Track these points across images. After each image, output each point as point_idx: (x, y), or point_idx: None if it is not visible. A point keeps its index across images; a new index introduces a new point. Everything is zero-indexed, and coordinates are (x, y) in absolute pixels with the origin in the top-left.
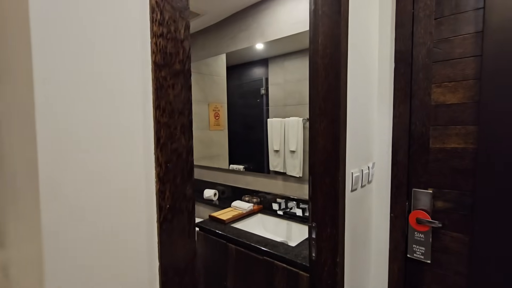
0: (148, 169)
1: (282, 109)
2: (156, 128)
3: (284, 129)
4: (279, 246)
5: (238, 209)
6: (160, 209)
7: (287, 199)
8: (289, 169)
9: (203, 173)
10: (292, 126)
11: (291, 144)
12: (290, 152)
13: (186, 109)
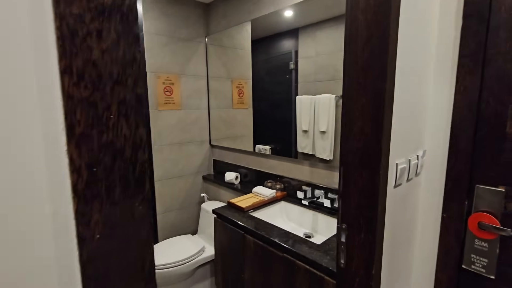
0: (56, 179)
1: (312, 85)
2: (67, 108)
3: (314, 107)
4: (302, 243)
5: (259, 195)
6: (82, 247)
7: (314, 187)
8: (319, 151)
9: (224, 155)
10: (323, 104)
11: (321, 124)
12: (320, 133)
13: (129, 75)
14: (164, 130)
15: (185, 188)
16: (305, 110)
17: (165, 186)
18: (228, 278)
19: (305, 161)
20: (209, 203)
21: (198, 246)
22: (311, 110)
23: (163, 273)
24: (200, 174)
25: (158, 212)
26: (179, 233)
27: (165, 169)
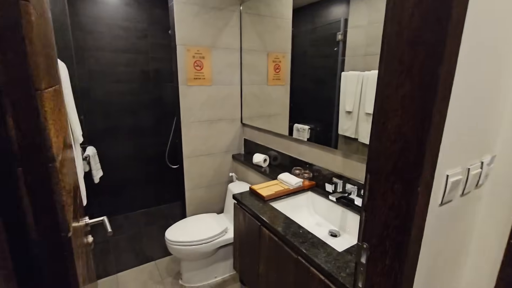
0: None
1: (361, 59)
2: None
3: (361, 85)
4: (321, 246)
5: (284, 183)
6: None
7: (346, 181)
8: (362, 135)
9: (255, 135)
10: (373, 81)
11: (368, 105)
12: (365, 115)
13: None
14: (193, 107)
15: (213, 167)
16: (351, 88)
17: (194, 163)
18: (244, 266)
19: (338, 150)
20: (236, 184)
21: (221, 226)
22: (358, 88)
23: (186, 249)
24: (229, 153)
25: (186, 188)
26: (206, 210)
27: (194, 147)
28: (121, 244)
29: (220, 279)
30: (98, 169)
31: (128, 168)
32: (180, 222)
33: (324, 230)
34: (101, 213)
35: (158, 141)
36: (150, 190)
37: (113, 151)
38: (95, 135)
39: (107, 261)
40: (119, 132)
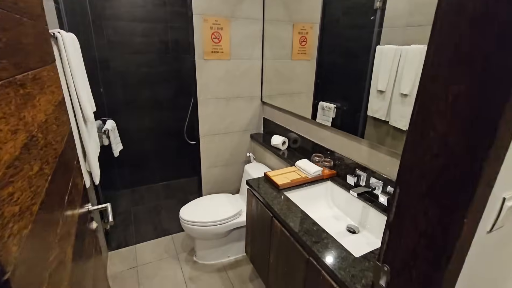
0: None
1: (401, 31)
2: None
3: (398, 62)
4: (335, 249)
5: (302, 171)
6: None
7: (370, 174)
8: (394, 118)
9: (275, 115)
10: (412, 58)
11: (404, 85)
12: (400, 96)
13: None
14: (210, 82)
15: (230, 146)
16: (386, 64)
17: (210, 141)
18: (255, 252)
19: (365, 140)
20: (253, 165)
21: (236, 208)
22: (394, 65)
23: (199, 229)
24: (248, 132)
25: (202, 167)
26: (222, 189)
27: (211, 124)
28: (141, 215)
29: (233, 259)
30: (117, 143)
31: (147, 142)
32: (195, 201)
33: (341, 225)
34: (124, 184)
35: (177, 115)
36: (170, 164)
37: (132, 125)
38: (114, 108)
39: (128, 231)
40: (137, 105)
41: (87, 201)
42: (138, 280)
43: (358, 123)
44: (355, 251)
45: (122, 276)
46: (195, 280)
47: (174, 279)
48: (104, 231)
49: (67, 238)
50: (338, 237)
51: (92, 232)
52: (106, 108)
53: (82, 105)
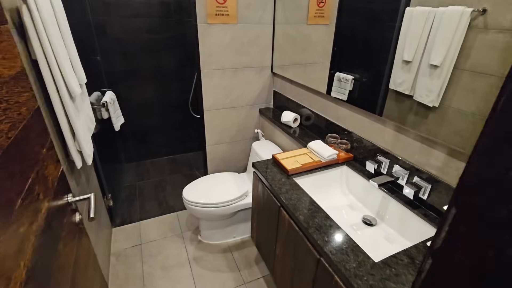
0: None
1: None
2: None
3: (430, 26)
4: (351, 252)
5: (314, 153)
6: None
7: (394, 161)
8: (420, 92)
9: (286, 88)
10: (447, 22)
11: (435, 54)
12: (429, 67)
13: None
14: (215, 50)
15: (237, 122)
16: (415, 29)
17: (215, 116)
18: (261, 240)
19: (389, 121)
20: (261, 143)
21: (242, 189)
22: (425, 30)
23: (203, 210)
24: (256, 107)
25: (207, 143)
26: (228, 167)
27: (216, 98)
28: (146, 191)
29: (239, 240)
30: (118, 116)
31: (151, 115)
32: (199, 180)
33: (357, 216)
34: (128, 157)
35: (182, 87)
36: (175, 137)
37: (134, 96)
38: (114, 78)
39: (132, 207)
40: (139, 75)
41: (67, 191)
42: (142, 258)
43: (377, 97)
44: (373, 250)
45: (126, 253)
46: (199, 260)
47: (178, 259)
48: (107, 207)
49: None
50: (353, 229)
51: (73, 226)
52: (105, 78)
53: (65, 78)
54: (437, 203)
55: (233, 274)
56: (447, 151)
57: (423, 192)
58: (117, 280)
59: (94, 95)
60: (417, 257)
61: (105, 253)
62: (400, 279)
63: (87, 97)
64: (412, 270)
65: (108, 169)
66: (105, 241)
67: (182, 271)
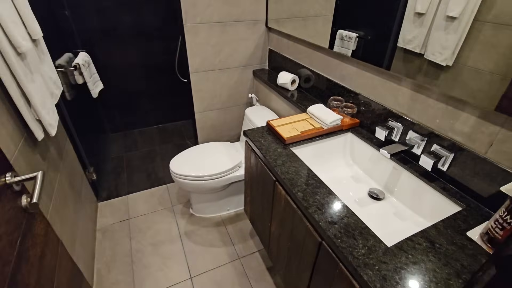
0: None
1: None
2: None
3: None
4: (359, 236)
5: (315, 119)
6: None
7: (409, 126)
8: (432, 49)
9: (283, 45)
10: None
11: (453, 3)
12: (445, 19)
13: None
14: (200, 0)
15: (228, 85)
16: None
17: (204, 80)
18: (255, 216)
19: (405, 79)
20: (255, 108)
21: (234, 160)
22: None
23: (192, 184)
24: (249, 68)
25: (196, 110)
26: (221, 136)
27: (203, 58)
28: (134, 162)
29: (233, 212)
30: (96, 81)
31: (135, 80)
32: (188, 151)
33: (362, 189)
34: (114, 127)
35: (167, 47)
36: (164, 105)
37: (114, 59)
38: (88, 38)
39: (119, 180)
40: (118, 34)
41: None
42: (130, 234)
43: (383, 57)
44: (381, 228)
45: (113, 229)
46: (191, 235)
47: (169, 233)
48: (90, 181)
49: None
50: (358, 205)
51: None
52: (77, 38)
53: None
54: (459, 176)
55: (227, 249)
56: (479, 114)
57: (443, 162)
58: (103, 257)
59: (64, 57)
60: (438, 240)
61: (89, 229)
62: (419, 268)
63: (48, 57)
64: (433, 256)
65: (90, 140)
66: (88, 217)
67: (172, 247)
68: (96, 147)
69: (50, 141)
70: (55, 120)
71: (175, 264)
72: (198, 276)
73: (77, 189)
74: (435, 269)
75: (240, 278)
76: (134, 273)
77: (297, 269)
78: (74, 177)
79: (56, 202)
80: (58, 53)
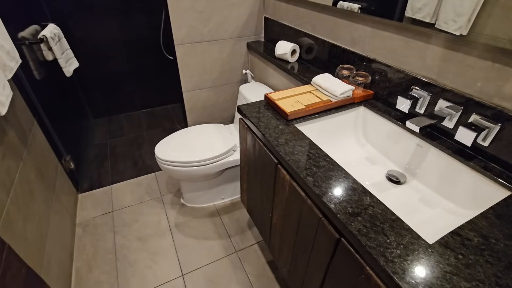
0: None
1: None
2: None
3: None
4: (390, 230)
5: (322, 91)
6: None
7: (438, 94)
8: (445, 17)
9: (281, 11)
10: None
11: None
12: None
13: None
14: None
15: (220, 60)
16: None
17: (191, 54)
18: (253, 205)
19: (435, 32)
20: (251, 85)
21: (228, 144)
22: None
23: (181, 171)
24: (243, 40)
25: (184, 89)
26: (213, 117)
27: (190, 27)
28: (118, 149)
29: (228, 201)
30: (69, 59)
31: (117, 59)
32: (176, 135)
33: (379, 171)
34: (96, 112)
35: (151, 21)
36: (151, 86)
37: (91, 34)
38: (59, 9)
39: (103, 169)
40: (94, 5)
41: None
42: (114, 227)
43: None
44: (408, 217)
45: (95, 223)
46: (182, 227)
47: (157, 226)
48: (67, 171)
49: None
50: (378, 190)
51: None
52: (45, 9)
53: None
54: (505, 152)
55: (222, 242)
56: None
57: (484, 136)
58: (83, 255)
59: (30, 29)
60: (492, 234)
61: (66, 223)
62: (475, 272)
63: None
64: (489, 255)
65: (67, 126)
66: (66, 210)
67: (162, 241)
68: (75, 134)
69: (6, 124)
70: (6, 96)
71: (165, 260)
72: (190, 273)
73: (50, 180)
74: (496, 273)
75: (238, 274)
76: (118, 271)
77: (306, 269)
78: (45, 167)
79: (16, 196)
80: (21, 25)
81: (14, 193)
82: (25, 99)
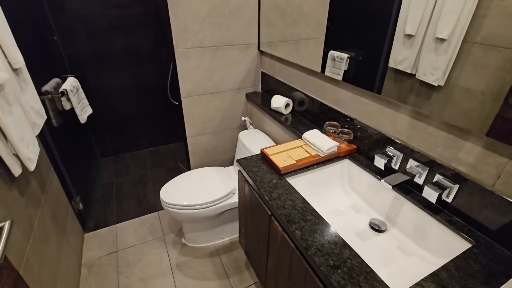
0: None
1: None
2: None
3: None
4: (363, 280)
5: (311, 146)
6: None
7: (409, 154)
8: (423, 70)
9: (276, 68)
10: None
11: (442, 25)
12: (434, 41)
13: None
14: (190, 24)
15: (221, 109)
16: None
17: (196, 104)
18: (250, 249)
19: (403, 106)
20: (249, 132)
21: (228, 187)
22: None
23: (183, 213)
24: (242, 91)
25: (188, 134)
26: (214, 160)
27: (195, 82)
28: (124, 189)
29: (227, 241)
30: (84, 107)
31: (126, 104)
32: (179, 178)
33: (363, 220)
34: (105, 151)
35: (159, 70)
36: (156, 127)
37: (105, 83)
38: (77, 62)
39: (108, 208)
40: (108, 58)
41: None
42: (118, 268)
43: (375, 77)
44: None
45: (100, 263)
46: (183, 268)
47: (159, 266)
48: (76, 211)
49: None
50: (360, 238)
51: None
52: (66, 63)
53: None
54: (465, 208)
55: (221, 282)
56: (483, 144)
57: (448, 193)
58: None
59: (52, 83)
60: (451, 286)
61: (73, 264)
62: None
63: (31, 86)
64: None
65: (77, 167)
66: (73, 251)
67: (163, 281)
68: (84, 174)
69: (30, 175)
70: (35, 153)
71: None
72: None
73: (61, 222)
74: None
75: None
76: None
77: None
78: (58, 209)
79: (35, 241)
80: (45, 79)
81: (33, 239)
82: (46, 147)
